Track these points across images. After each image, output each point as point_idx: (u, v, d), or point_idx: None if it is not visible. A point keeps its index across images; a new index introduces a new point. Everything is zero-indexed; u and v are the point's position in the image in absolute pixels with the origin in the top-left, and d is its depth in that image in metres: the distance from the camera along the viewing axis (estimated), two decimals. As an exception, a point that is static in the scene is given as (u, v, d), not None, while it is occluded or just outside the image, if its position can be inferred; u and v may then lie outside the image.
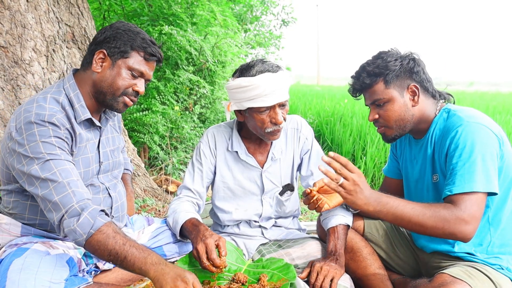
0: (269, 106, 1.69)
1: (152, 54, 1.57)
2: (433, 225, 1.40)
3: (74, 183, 1.38)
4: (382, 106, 1.63)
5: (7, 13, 2.29)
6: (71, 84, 1.55)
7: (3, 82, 2.31)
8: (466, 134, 1.46)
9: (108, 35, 1.53)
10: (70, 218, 1.33)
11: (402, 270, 1.82)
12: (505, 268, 1.52)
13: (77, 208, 1.34)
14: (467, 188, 1.40)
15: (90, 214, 1.34)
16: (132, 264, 1.31)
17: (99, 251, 1.33)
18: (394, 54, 1.63)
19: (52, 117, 1.42)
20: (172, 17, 4.82)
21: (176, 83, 4.68)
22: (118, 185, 1.76)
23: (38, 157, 1.36)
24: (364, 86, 1.65)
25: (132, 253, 1.32)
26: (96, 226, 1.33)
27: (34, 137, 1.38)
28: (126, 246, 1.32)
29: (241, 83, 1.67)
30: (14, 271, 1.32)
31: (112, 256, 1.32)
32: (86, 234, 1.32)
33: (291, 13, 10.14)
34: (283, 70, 1.73)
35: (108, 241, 1.32)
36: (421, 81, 1.61)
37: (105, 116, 1.70)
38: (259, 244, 1.91)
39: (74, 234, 1.32)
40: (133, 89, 1.57)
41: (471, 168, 1.42)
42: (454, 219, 1.38)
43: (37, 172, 1.36)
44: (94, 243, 1.32)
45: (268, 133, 1.75)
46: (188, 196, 1.87)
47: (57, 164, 1.38)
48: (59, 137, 1.43)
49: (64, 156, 1.41)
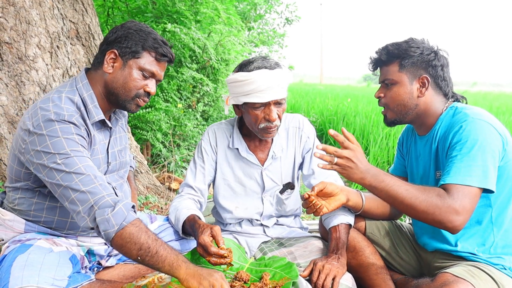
0: (263, 103, 1.70)
1: (164, 55, 1.55)
2: (424, 209, 1.42)
3: (101, 178, 1.38)
4: (389, 87, 1.65)
5: (12, 9, 2.29)
6: (85, 84, 1.54)
7: (7, 78, 2.31)
8: (469, 130, 1.47)
9: (120, 35, 1.52)
10: (103, 208, 1.32)
11: (404, 270, 1.82)
12: (508, 268, 1.52)
13: (109, 200, 1.33)
14: (461, 181, 1.41)
15: (124, 206, 1.33)
16: (163, 259, 1.31)
17: (130, 244, 1.31)
18: (420, 43, 1.64)
19: (72, 117, 1.42)
20: (176, 14, 4.82)
21: (180, 80, 4.68)
22: (124, 184, 1.77)
23: (61, 153, 1.36)
24: (380, 62, 1.68)
25: (164, 248, 1.32)
26: (129, 219, 1.32)
27: (56, 133, 1.37)
28: (159, 242, 1.33)
29: (238, 77, 1.69)
30: (18, 268, 1.33)
31: (143, 250, 1.31)
32: (118, 225, 1.30)
33: (295, 11, 10.13)
34: (282, 68, 1.73)
35: (140, 234, 1.31)
36: (436, 77, 1.62)
37: (115, 116, 1.70)
38: (261, 242, 1.91)
39: (106, 224, 1.30)
40: (145, 90, 1.56)
41: (469, 162, 1.43)
42: (446, 207, 1.40)
43: (61, 167, 1.35)
44: (126, 235, 1.30)
45: (261, 130, 1.76)
46: (189, 194, 1.87)
47: (81, 160, 1.37)
48: (81, 135, 1.43)
49: (86, 153, 1.42)
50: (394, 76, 1.63)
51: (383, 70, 1.68)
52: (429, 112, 1.64)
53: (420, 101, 1.63)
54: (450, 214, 1.39)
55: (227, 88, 1.80)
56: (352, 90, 21.38)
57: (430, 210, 1.41)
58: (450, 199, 1.40)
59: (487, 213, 1.54)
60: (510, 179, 1.51)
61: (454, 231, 1.43)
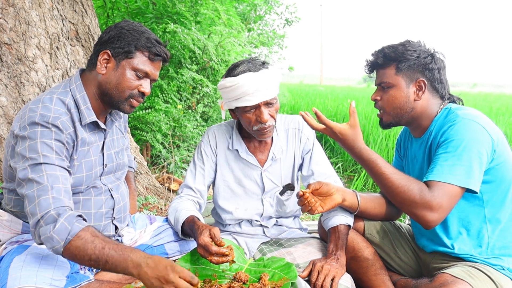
0: (253, 105, 1.71)
1: (157, 54, 1.53)
2: (401, 200, 1.47)
3: (58, 190, 1.32)
4: (386, 90, 1.65)
5: (11, 10, 2.29)
6: (78, 85, 1.52)
7: (7, 79, 2.32)
8: (457, 129, 1.48)
9: (112, 35, 1.50)
10: (46, 225, 1.26)
11: (403, 270, 1.82)
12: (506, 268, 1.52)
13: (54, 214, 1.27)
14: (444, 178, 1.43)
15: (66, 219, 1.27)
16: (115, 267, 1.26)
17: (79, 257, 1.27)
18: (417, 45, 1.63)
19: (57, 119, 1.40)
20: (176, 15, 4.82)
21: (179, 81, 4.68)
22: (121, 186, 1.75)
23: (33, 157, 1.33)
24: (377, 65, 1.68)
25: (112, 256, 1.25)
26: (73, 232, 1.26)
27: (36, 136, 1.35)
28: (106, 250, 1.26)
29: (226, 83, 1.71)
30: (16, 268, 1.33)
31: (93, 261, 1.26)
32: (63, 240, 1.25)
33: (295, 12, 10.12)
34: (267, 68, 1.74)
35: (86, 246, 1.26)
36: (432, 80, 1.62)
37: (110, 117, 1.68)
38: (260, 242, 1.91)
39: (52, 242, 1.25)
40: (139, 90, 1.55)
41: (454, 160, 1.44)
42: (422, 202, 1.42)
43: (27, 172, 1.32)
44: (73, 249, 1.26)
45: (256, 131, 1.77)
46: (189, 195, 1.87)
47: (47, 168, 1.33)
48: (60, 141, 1.40)
49: (58, 162, 1.37)
50: (391, 79, 1.63)
51: (379, 73, 1.68)
52: (425, 115, 1.64)
53: (416, 105, 1.63)
54: (424, 210, 1.42)
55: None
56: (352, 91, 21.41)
57: (407, 202, 1.46)
58: (429, 194, 1.42)
59: (480, 213, 1.54)
60: (503, 180, 1.52)
61: (426, 227, 1.46)
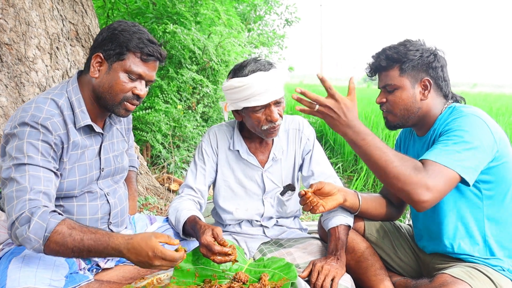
0: (263, 105, 1.70)
1: (150, 54, 1.47)
2: (395, 176, 1.37)
3: (36, 192, 1.29)
4: (391, 92, 1.63)
5: (12, 10, 2.30)
6: (74, 87, 1.50)
7: (7, 79, 2.32)
8: (461, 122, 1.47)
9: (105, 37, 1.46)
10: (21, 227, 1.24)
11: (403, 271, 1.82)
12: (506, 269, 1.52)
13: (28, 214, 1.24)
14: (441, 161, 1.38)
15: (40, 217, 1.24)
16: (99, 255, 1.27)
17: (62, 252, 1.26)
18: (418, 45, 1.62)
19: (47, 120, 1.37)
20: (176, 15, 4.83)
21: (179, 82, 4.68)
22: (119, 189, 1.72)
23: (18, 157, 1.31)
24: (380, 68, 1.65)
25: (91, 245, 1.25)
26: (50, 228, 1.23)
27: (23, 135, 1.34)
28: (85, 241, 1.25)
29: (234, 84, 1.69)
30: (14, 270, 1.32)
31: (77, 253, 1.26)
32: (41, 239, 1.23)
33: (295, 12, 10.12)
34: (276, 68, 1.73)
35: (66, 240, 1.24)
36: (436, 78, 1.61)
37: (110, 120, 1.64)
38: (260, 243, 1.91)
39: (30, 242, 1.23)
40: (133, 92, 1.48)
41: (454, 147, 1.41)
42: (417, 180, 1.35)
43: (11, 171, 1.31)
44: (54, 245, 1.24)
45: (265, 131, 1.76)
46: (189, 195, 1.87)
47: (30, 169, 1.31)
48: (47, 142, 1.37)
49: (43, 163, 1.35)
50: (396, 81, 1.61)
51: (382, 75, 1.66)
52: (430, 114, 1.64)
53: (422, 104, 1.62)
54: (419, 188, 1.35)
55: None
56: (352, 91, 21.34)
57: (401, 178, 1.36)
58: (425, 173, 1.37)
59: (479, 213, 1.54)
60: (504, 180, 1.52)
61: (419, 208, 1.39)
